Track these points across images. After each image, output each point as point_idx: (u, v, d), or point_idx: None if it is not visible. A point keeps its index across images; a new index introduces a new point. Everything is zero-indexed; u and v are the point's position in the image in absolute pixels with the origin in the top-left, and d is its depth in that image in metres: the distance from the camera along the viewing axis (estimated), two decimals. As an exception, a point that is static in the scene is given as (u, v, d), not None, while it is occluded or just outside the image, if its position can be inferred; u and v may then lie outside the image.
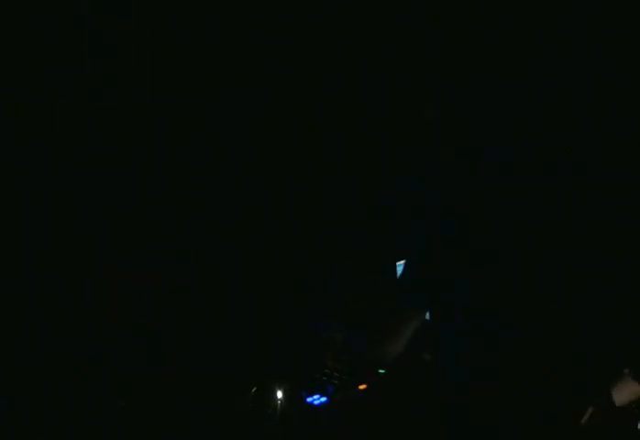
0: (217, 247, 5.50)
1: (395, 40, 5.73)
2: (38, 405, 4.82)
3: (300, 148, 5.75)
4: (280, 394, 5.03)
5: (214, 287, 5.42)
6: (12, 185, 5.08)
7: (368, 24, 5.72)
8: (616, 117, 5.30)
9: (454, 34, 5.56)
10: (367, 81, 5.77)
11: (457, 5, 5.59)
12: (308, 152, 5.78)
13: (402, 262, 5.59)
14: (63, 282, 5.12)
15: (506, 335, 4.72)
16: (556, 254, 4.79)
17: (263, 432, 4.86)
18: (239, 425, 4.86)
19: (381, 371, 5.23)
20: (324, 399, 5.10)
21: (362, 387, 5.16)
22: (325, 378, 5.21)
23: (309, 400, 5.09)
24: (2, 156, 5.01)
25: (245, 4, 5.57)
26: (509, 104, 5.39)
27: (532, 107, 5.36)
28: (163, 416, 4.86)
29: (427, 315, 5.34)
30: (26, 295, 5.04)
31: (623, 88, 5.27)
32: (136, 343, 5.08)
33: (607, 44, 5.32)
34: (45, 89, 5.08)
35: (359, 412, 5.02)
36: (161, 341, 5.14)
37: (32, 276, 5.06)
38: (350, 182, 5.90)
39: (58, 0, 5.05)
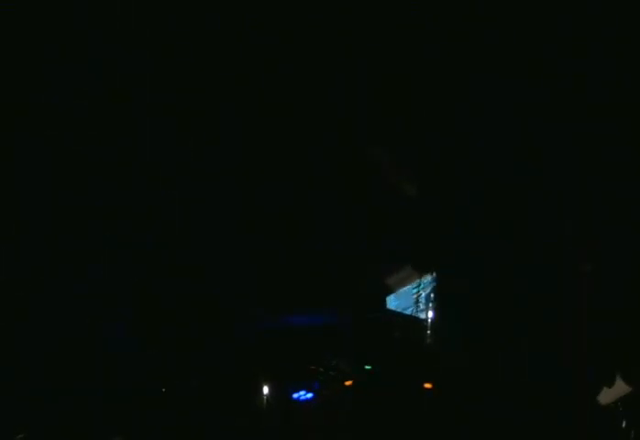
0: (212, 244, 5.50)
1: (395, 40, 5.72)
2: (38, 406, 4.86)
3: (292, 150, 5.74)
4: (266, 390, 5.02)
5: (206, 285, 5.42)
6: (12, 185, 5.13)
7: (368, 24, 5.71)
8: (616, 117, 5.24)
9: (454, 34, 5.54)
10: (366, 81, 5.77)
11: (457, 5, 5.57)
12: (301, 154, 5.77)
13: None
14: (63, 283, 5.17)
15: (499, 337, 4.71)
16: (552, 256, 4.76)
17: (249, 427, 4.85)
18: (226, 421, 4.85)
19: (367, 367, 5.22)
20: (310, 395, 5.08)
21: (348, 383, 5.14)
22: (310, 374, 5.19)
23: (295, 396, 5.07)
24: (2, 157, 5.06)
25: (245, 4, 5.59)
26: (509, 104, 5.35)
27: (532, 107, 5.32)
28: (150, 412, 4.85)
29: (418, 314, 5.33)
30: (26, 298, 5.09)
31: (622, 88, 5.21)
32: (127, 339, 5.09)
33: (607, 44, 5.27)
34: (45, 89, 5.12)
35: (345, 407, 4.99)
36: (151, 337, 5.13)
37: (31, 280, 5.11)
38: (340, 185, 5.88)
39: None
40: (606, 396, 4.35)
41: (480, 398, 4.58)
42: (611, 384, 4.36)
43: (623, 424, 4.34)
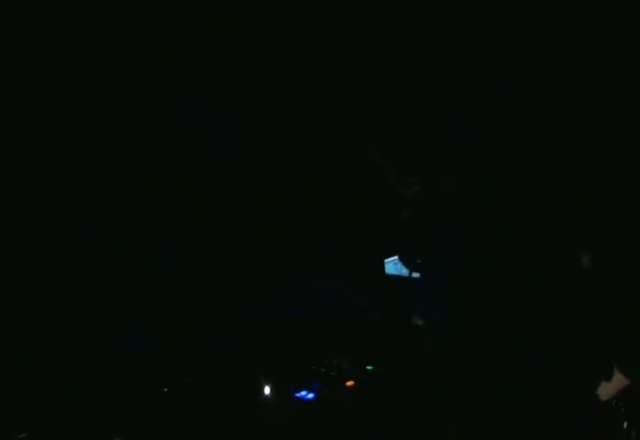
0: (212, 242, 5.51)
1: (395, 40, 5.72)
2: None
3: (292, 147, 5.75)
4: (266, 390, 5.03)
5: (206, 285, 5.43)
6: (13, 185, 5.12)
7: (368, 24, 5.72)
8: (616, 117, 5.25)
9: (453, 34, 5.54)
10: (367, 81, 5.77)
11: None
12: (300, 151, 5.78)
13: (390, 260, 5.62)
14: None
15: (498, 335, 4.72)
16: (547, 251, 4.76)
17: (249, 428, 4.85)
18: (225, 421, 4.85)
19: (369, 368, 5.23)
20: (311, 395, 5.08)
21: (349, 383, 5.14)
22: (311, 374, 5.20)
23: (296, 396, 5.07)
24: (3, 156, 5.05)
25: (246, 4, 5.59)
26: (507, 104, 5.36)
27: (532, 107, 5.32)
28: (151, 412, 4.85)
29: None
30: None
31: (622, 88, 5.22)
32: (129, 335, 5.08)
33: (607, 44, 5.28)
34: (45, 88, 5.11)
35: (347, 408, 4.99)
36: (151, 335, 5.13)
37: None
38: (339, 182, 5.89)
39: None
40: (605, 391, 4.36)
41: (479, 397, 4.59)
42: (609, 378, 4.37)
43: (625, 425, 4.35)
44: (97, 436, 4.73)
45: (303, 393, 5.07)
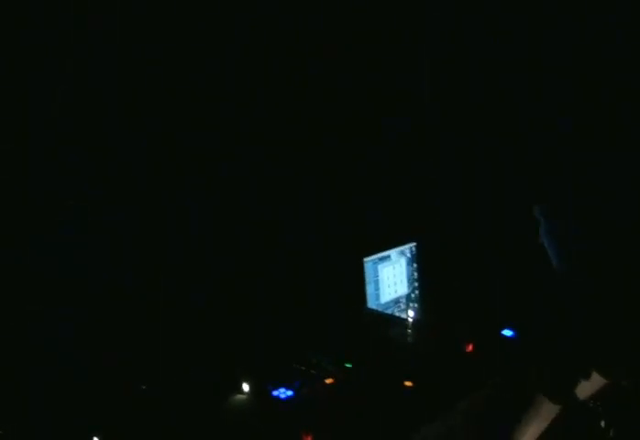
0: (198, 240, 5.51)
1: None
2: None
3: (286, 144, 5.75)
4: (246, 388, 4.98)
5: (187, 282, 5.42)
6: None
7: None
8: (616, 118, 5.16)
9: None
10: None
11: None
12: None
13: (370, 259, 5.64)
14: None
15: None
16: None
17: (228, 425, 4.79)
18: (204, 419, 4.79)
19: (348, 366, 5.19)
20: (290, 392, 5.04)
21: (329, 381, 5.10)
22: (291, 371, 5.17)
23: (275, 393, 5.03)
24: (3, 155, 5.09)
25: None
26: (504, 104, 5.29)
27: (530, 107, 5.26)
28: (132, 411, 4.80)
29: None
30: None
31: (623, 88, 5.15)
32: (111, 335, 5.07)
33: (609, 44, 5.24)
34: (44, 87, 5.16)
35: (326, 406, 4.93)
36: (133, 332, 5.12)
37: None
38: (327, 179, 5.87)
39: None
40: (583, 391, 4.25)
41: (461, 396, 4.52)
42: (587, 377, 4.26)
43: (602, 424, 4.23)
44: (75, 435, 4.68)
45: (282, 391, 5.02)
